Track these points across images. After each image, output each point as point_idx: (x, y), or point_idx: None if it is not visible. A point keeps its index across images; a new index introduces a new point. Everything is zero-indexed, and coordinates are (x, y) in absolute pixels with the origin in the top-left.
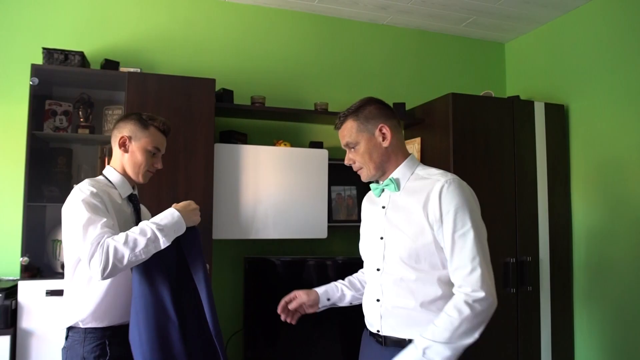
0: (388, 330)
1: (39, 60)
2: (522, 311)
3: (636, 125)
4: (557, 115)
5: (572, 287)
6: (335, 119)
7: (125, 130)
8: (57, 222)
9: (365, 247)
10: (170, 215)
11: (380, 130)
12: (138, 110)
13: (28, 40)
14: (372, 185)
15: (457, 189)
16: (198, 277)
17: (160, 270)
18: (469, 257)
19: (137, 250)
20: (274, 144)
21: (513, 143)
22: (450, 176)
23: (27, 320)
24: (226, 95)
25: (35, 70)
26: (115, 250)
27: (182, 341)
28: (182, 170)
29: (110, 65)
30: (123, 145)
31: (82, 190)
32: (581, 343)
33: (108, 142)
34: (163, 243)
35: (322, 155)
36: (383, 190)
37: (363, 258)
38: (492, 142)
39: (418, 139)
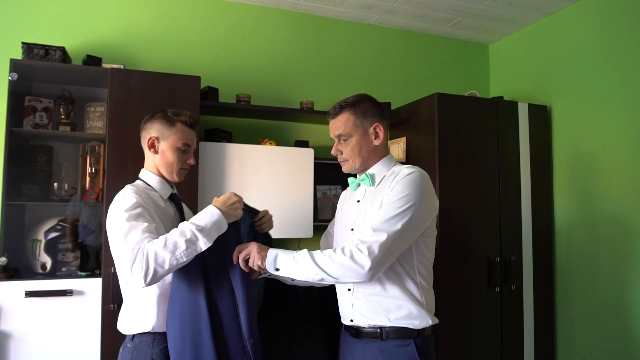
0: (360, 318)
1: (18, 55)
2: (505, 310)
3: (617, 125)
4: (540, 116)
5: (554, 285)
6: (330, 108)
7: (152, 131)
8: (37, 222)
9: (337, 239)
10: (210, 213)
11: (375, 128)
12: (121, 107)
13: (7, 35)
14: (349, 179)
15: (415, 178)
16: (234, 276)
17: (198, 266)
18: (385, 221)
19: (178, 253)
20: (259, 143)
21: (497, 143)
22: (415, 169)
23: (6, 322)
24: (211, 93)
25: (15, 65)
26: (156, 255)
27: (213, 340)
28: None
29: (92, 61)
30: (152, 146)
31: (123, 197)
32: (563, 341)
33: (90, 139)
34: (204, 244)
35: (307, 154)
36: (359, 185)
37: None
38: (477, 142)
39: (403, 139)
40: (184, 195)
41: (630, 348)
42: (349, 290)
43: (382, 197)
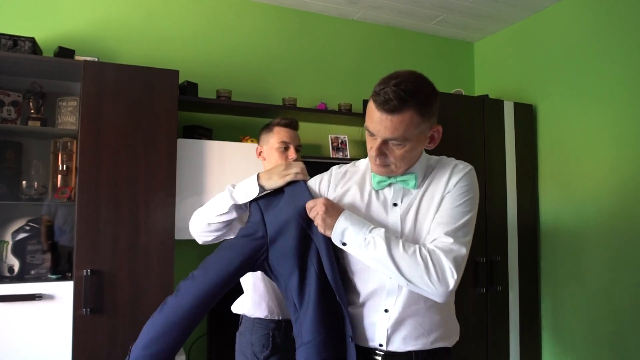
0: (397, 344)
1: None
2: (491, 311)
3: (602, 125)
4: (526, 115)
5: (540, 286)
6: (380, 91)
7: (259, 143)
8: (4, 222)
9: None
10: (250, 177)
11: (434, 131)
12: (95, 102)
13: None
14: (376, 177)
15: (474, 176)
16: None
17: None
18: (457, 229)
19: (208, 206)
20: (240, 140)
21: (483, 141)
22: (466, 163)
23: None
24: (190, 88)
25: None
26: (194, 214)
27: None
28: (143, 167)
29: (64, 53)
30: (260, 155)
31: None
32: (548, 342)
33: (61, 135)
34: (231, 199)
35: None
36: (389, 184)
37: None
38: (463, 140)
39: None
40: (162, 194)
41: (617, 348)
42: (387, 311)
43: (440, 199)
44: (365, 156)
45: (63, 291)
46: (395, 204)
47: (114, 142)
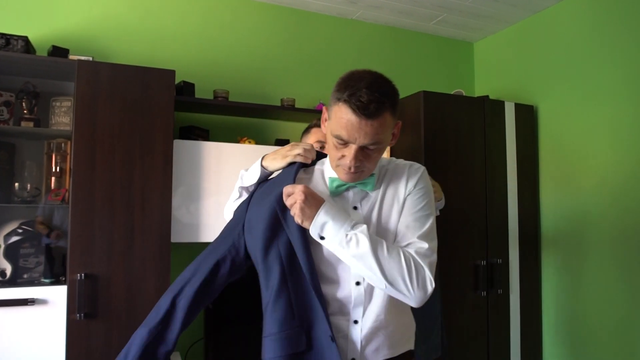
0: (371, 356)
1: None
2: (492, 315)
3: (603, 125)
4: (527, 116)
5: (541, 289)
6: (358, 98)
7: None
8: None
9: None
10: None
11: (396, 128)
12: (89, 102)
13: None
14: (332, 179)
15: (427, 176)
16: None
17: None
18: (427, 234)
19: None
20: (237, 141)
21: (484, 142)
22: (414, 163)
23: None
24: (187, 88)
25: None
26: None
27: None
28: (138, 168)
29: (58, 52)
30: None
31: None
32: (550, 346)
33: (55, 136)
34: (240, 182)
35: None
36: (346, 188)
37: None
38: (463, 141)
39: None
40: (158, 196)
41: (620, 352)
42: (356, 322)
43: (403, 201)
44: None
45: (56, 295)
46: (355, 207)
47: (109, 143)
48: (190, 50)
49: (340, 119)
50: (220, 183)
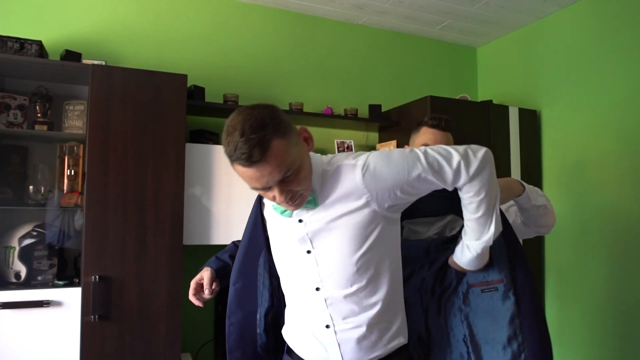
0: (351, 356)
1: None
2: None
3: (606, 130)
4: (531, 121)
5: (544, 290)
6: (239, 152)
7: (409, 142)
8: (10, 227)
9: (288, 265)
10: None
11: (301, 135)
12: (103, 106)
13: None
14: (279, 208)
15: (378, 163)
16: None
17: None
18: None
19: None
20: None
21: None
22: (360, 158)
23: None
24: (197, 92)
25: None
26: None
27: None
28: (151, 172)
29: (71, 56)
30: None
31: None
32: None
33: (68, 139)
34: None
35: None
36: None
37: (280, 275)
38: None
39: (394, 142)
40: (169, 201)
41: (623, 350)
42: (328, 327)
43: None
44: None
45: (71, 297)
46: (300, 220)
47: (122, 146)
48: (200, 54)
49: (242, 175)
50: (231, 185)
